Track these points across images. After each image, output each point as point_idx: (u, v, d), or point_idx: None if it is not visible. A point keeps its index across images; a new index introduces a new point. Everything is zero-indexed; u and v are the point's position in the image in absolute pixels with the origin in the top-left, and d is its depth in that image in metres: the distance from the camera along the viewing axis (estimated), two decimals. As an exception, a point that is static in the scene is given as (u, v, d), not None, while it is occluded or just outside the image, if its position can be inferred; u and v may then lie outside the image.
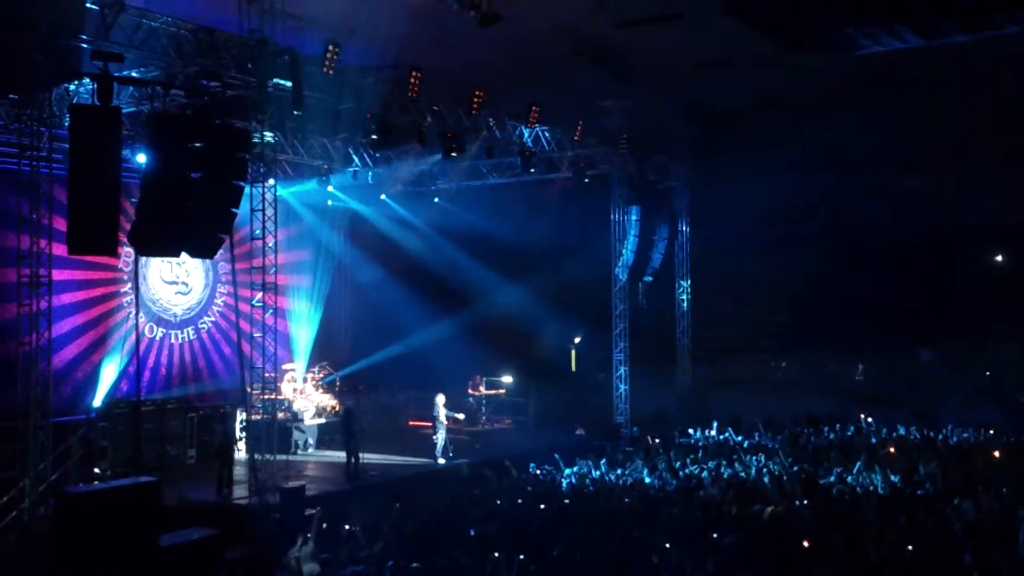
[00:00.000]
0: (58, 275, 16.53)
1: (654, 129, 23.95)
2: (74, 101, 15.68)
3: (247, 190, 15.13)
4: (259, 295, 16.12)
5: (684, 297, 28.45)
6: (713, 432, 23.25)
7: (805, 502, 14.44)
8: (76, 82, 15.41)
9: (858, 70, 23.15)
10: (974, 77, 23.65)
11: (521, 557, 11.05)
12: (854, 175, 32.76)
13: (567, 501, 15.00)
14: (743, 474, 17.18)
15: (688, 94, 23.84)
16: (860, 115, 25.47)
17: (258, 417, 15.92)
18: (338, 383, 24.87)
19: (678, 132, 25.09)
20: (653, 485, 16.66)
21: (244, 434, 19.11)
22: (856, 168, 32.63)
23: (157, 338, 23.25)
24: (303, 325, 27.13)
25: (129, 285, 22.15)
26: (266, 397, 16.21)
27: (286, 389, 22.15)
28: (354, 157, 22.68)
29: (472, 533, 12.56)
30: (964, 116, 26.07)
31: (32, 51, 12.66)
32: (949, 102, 25.26)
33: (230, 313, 23.29)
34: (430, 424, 21.77)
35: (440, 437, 21.23)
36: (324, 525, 13.48)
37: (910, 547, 11.32)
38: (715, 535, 12.25)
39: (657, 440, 21.57)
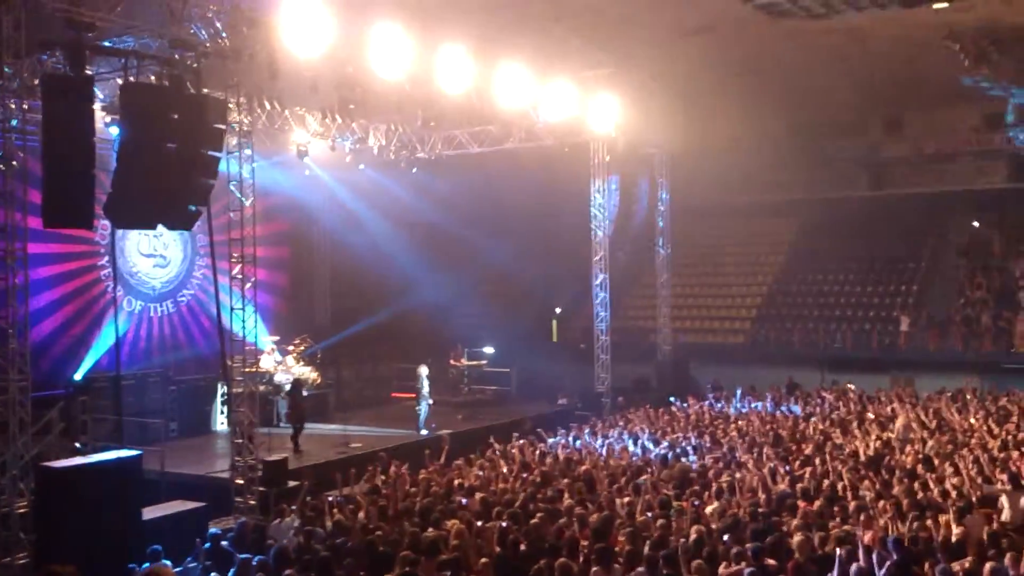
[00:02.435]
0: (34, 248, 16.31)
1: (632, 96, 23.78)
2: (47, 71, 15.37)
3: (224, 162, 14.92)
4: (238, 267, 15.99)
5: (665, 264, 28.41)
6: (694, 400, 23.38)
7: (786, 468, 14.54)
8: (48, 52, 15.10)
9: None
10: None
11: (503, 524, 11.09)
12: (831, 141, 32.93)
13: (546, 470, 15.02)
14: (724, 442, 17.27)
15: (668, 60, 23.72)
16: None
17: (239, 390, 15.86)
18: (319, 355, 24.78)
19: (658, 99, 24.92)
20: (635, 454, 16.74)
21: (224, 407, 19.06)
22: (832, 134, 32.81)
23: (136, 311, 23.09)
24: (283, 297, 26.98)
25: (107, 258, 21.94)
26: (247, 370, 16.15)
27: (266, 361, 22.06)
28: (332, 127, 22.44)
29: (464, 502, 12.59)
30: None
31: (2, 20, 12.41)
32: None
33: (209, 286, 23.11)
34: (413, 395, 21.81)
35: (423, 408, 21.28)
36: (308, 498, 13.47)
37: (891, 512, 11.41)
38: (696, 503, 12.33)
39: (638, 409, 21.65)
